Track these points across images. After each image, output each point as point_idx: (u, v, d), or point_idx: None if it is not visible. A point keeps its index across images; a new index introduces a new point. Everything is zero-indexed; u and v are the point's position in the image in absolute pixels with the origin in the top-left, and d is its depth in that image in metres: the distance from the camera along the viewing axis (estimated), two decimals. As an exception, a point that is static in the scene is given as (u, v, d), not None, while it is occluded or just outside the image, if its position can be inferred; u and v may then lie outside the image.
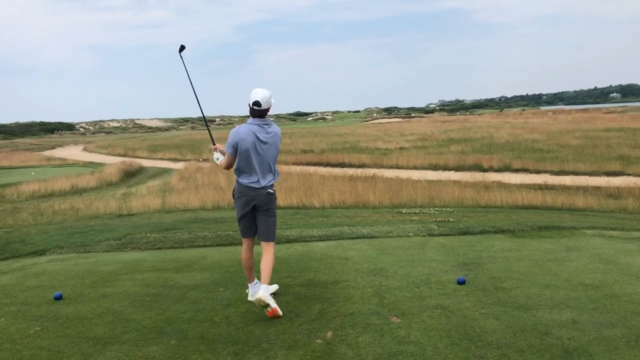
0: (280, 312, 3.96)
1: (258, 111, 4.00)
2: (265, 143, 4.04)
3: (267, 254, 4.15)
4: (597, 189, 16.48)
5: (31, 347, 3.58)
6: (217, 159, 4.38)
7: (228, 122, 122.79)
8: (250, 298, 4.31)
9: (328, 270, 5.15)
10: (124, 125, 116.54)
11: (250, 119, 4.08)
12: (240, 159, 4.06)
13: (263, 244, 4.20)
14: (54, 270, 5.81)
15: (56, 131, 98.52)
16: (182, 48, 4.52)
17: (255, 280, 4.34)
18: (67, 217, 13.19)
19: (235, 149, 4.05)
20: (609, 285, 4.46)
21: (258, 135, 4.02)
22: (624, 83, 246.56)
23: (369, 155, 29.10)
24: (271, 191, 4.14)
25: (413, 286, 4.55)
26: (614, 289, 4.36)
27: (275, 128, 4.15)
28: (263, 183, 4.09)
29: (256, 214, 4.18)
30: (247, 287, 4.44)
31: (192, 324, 3.88)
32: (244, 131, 4.03)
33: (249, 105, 4.02)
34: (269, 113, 4.10)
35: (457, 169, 23.38)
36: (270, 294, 4.41)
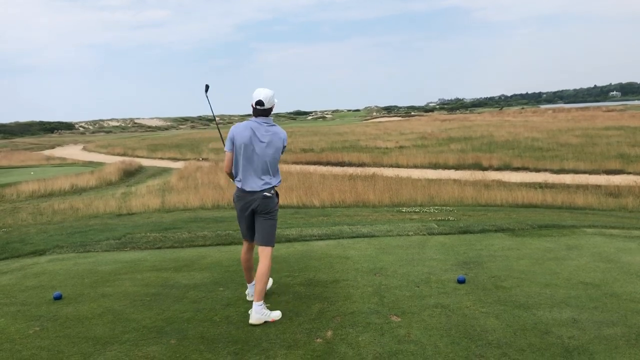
0: (278, 316, 3.93)
1: (261, 110, 3.90)
2: (262, 141, 3.90)
3: (263, 259, 3.99)
4: (597, 187, 16.49)
5: (31, 347, 3.58)
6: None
7: (228, 121, 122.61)
8: (249, 298, 4.30)
9: (328, 269, 5.14)
10: (123, 124, 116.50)
11: (252, 118, 3.99)
12: (236, 155, 3.95)
13: (260, 248, 4.05)
14: (53, 270, 5.80)
15: (56, 131, 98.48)
16: (207, 88, 4.47)
17: (254, 281, 4.29)
18: (67, 217, 13.18)
19: (233, 143, 3.95)
20: (609, 284, 4.46)
21: (256, 131, 3.89)
22: (623, 81, 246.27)
23: (369, 154, 29.08)
24: (268, 194, 3.96)
25: (413, 285, 4.54)
26: (614, 287, 4.35)
27: (277, 129, 3.97)
28: (258, 184, 3.93)
29: (255, 217, 4.05)
30: (247, 287, 4.43)
31: (192, 324, 3.88)
32: (242, 126, 3.95)
33: (252, 105, 3.92)
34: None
35: (457, 167, 23.38)
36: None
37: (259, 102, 3.88)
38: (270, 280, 4.54)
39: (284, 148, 4.05)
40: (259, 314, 3.84)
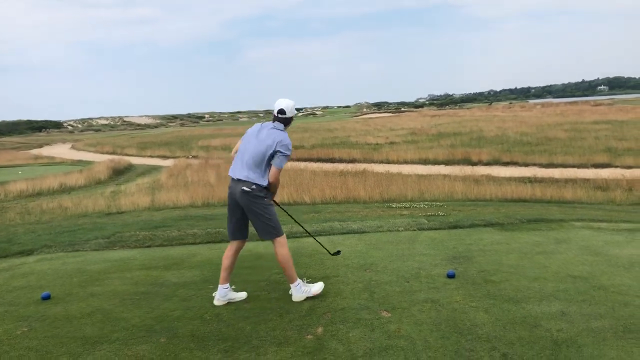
0: (320, 288, 4.24)
1: (283, 119, 4.16)
2: (259, 136, 4.12)
3: (276, 250, 4.20)
4: (586, 181, 16.64)
5: (19, 348, 3.54)
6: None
7: (217, 118, 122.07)
8: (215, 302, 4.19)
9: (318, 265, 5.14)
10: (112, 122, 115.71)
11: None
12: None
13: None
14: (41, 270, 5.75)
15: (44, 129, 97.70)
16: (337, 253, 5.08)
17: (227, 284, 4.23)
18: (56, 216, 13.06)
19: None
20: (597, 276, 4.50)
21: (261, 129, 4.17)
22: (611, 76, 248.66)
23: (359, 150, 29.15)
24: (246, 189, 3.99)
25: (403, 280, 4.55)
26: (602, 280, 4.40)
27: (277, 132, 4.07)
28: (242, 174, 4.05)
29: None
30: (233, 285, 4.34)
31: (182, 322, 3.86)
32: (257, 124, 4.32)
33: (274, 114, 4.17)
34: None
35: (447, 163, 23.50)
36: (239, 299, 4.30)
37: (281, 111, 4.17)
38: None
39: (279, 154, 4.02)
40: (298, 292, 4.16)
